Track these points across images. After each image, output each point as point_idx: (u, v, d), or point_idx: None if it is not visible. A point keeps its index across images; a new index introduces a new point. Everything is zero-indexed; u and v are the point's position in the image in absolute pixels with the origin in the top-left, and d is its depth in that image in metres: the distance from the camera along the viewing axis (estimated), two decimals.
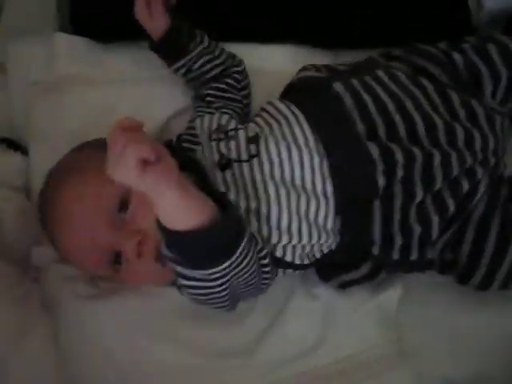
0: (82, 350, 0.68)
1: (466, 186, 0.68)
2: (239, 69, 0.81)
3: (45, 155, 0.76)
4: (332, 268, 0.71)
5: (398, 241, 0.68)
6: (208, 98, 0.78)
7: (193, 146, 0.73)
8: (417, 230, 0.67)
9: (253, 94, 0.84)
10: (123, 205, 0.64)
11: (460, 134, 0.69)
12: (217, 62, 0.79)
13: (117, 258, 0.65)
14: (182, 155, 0.71)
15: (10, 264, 0.71)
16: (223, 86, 0.79)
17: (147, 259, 0.64)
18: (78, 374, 0.67)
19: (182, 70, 0.79)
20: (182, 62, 0.78)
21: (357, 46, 0.87)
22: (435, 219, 0.67)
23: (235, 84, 0.80)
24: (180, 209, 0.53)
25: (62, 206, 0.65)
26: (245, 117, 0.79)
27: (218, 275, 0.57)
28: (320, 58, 0.86)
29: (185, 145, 0.74)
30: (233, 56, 0.82)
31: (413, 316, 0.74)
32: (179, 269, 0.58)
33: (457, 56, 0.73)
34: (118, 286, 0.71)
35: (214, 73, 0.79)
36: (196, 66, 0.78)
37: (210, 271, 0.56)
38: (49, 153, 0.74)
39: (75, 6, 0.82)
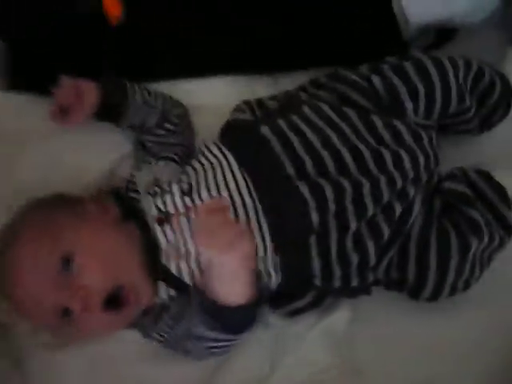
0: None
1: (398, 209, 0.71)
2: (178, 112, 0.83)
3: None
4: (278, 298, 0.74)
5: (337, 271, 0.71)
6: (148, 145, 0.80)
7: (137, 196, 0.75)
8: (354, 258, 0.70)
9: (196, 131, 0.85)
10: (66, 263, 0.67)
11: (387, 157, 0.71)
12: (155, 111, 0.81)
13: (66, 313, 0.68)
14: (128, 205, 0.74)
15: None
16: (162, 131, 0.81)
17: (95, 312, 0.67)
18: None
19: (126, 130, 0.82)
20: (123, 126, 0.81)
21: (294, 69, 0.89)
22: (371, 245, 0.70)
23: (175, 129, 0.81)
24: (242, 288, 0.63)
25: (9, 272, 0.69)
26: (187, 157, 0.80)
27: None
28: (259, 84, 0.89)
29: (131, 194, 0.76)
30: (170, 100, 0.83)
31: (364, 332, 0.77)
32: (207, 334, 0.67)
33: (376, 79, 0.75)
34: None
35: (153, 122, 0.81)
36: (137, 122, 0.80)
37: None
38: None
39: (14, 64, 0.84)
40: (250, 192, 0.70)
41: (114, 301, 0.68)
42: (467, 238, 0.73)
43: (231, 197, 0.69)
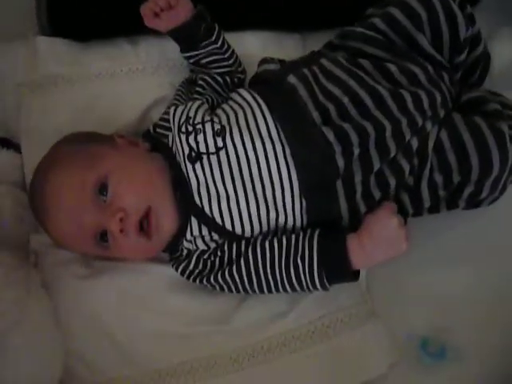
0: (78, 324, 0.76)
1: (415, 144, 0.73)
2: (242, 76, 0.86)
3: (36, 151, 0.81)
4: None
5: (362, 209, 0.73)
6: (200, 82, 0.83)
7: (165, 132, 0.79)
8: (377, 194, 0.73)
9: None
10: (102, 188, 0.71)
11: (408, 98, 0.72)
12: (224, 63, 0.84)
13: (103, 237, 0.72)
14: (156, 140, 0.79)
15: (10, 251, 0.77)
16: (220, 80, 0.83)
17: (130, 234, 0.71)
18: (77, 345, 0.75)
19: (190, 60, 0.84)
20: (192, 53, 0.83)
21: (322, 27, 0.92)
22: (392, 182, 0.73)
23: (231, 86, 0.84)
24: (376, 261, 0.72)
25: (48, 196, 0.73)
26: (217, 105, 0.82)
27: None
28: (288, 41, 0.92)
29: (158, 130, 0.81)
30: (240, 63, 0.86)
31: (382, 280, 0.80)
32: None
33: (377, 21, 0.77)
34: (109, 264, 0.78)
35: (218, 70, 0.84)
36: (204, 61, 0.84)
37: None
38: (39, 149, 0.80)
39: (52, 9, 0.87)
40: (280, 138, 0.72)
41: (143, 227, 0.72)
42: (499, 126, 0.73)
43: (263, 143, 0.72)
